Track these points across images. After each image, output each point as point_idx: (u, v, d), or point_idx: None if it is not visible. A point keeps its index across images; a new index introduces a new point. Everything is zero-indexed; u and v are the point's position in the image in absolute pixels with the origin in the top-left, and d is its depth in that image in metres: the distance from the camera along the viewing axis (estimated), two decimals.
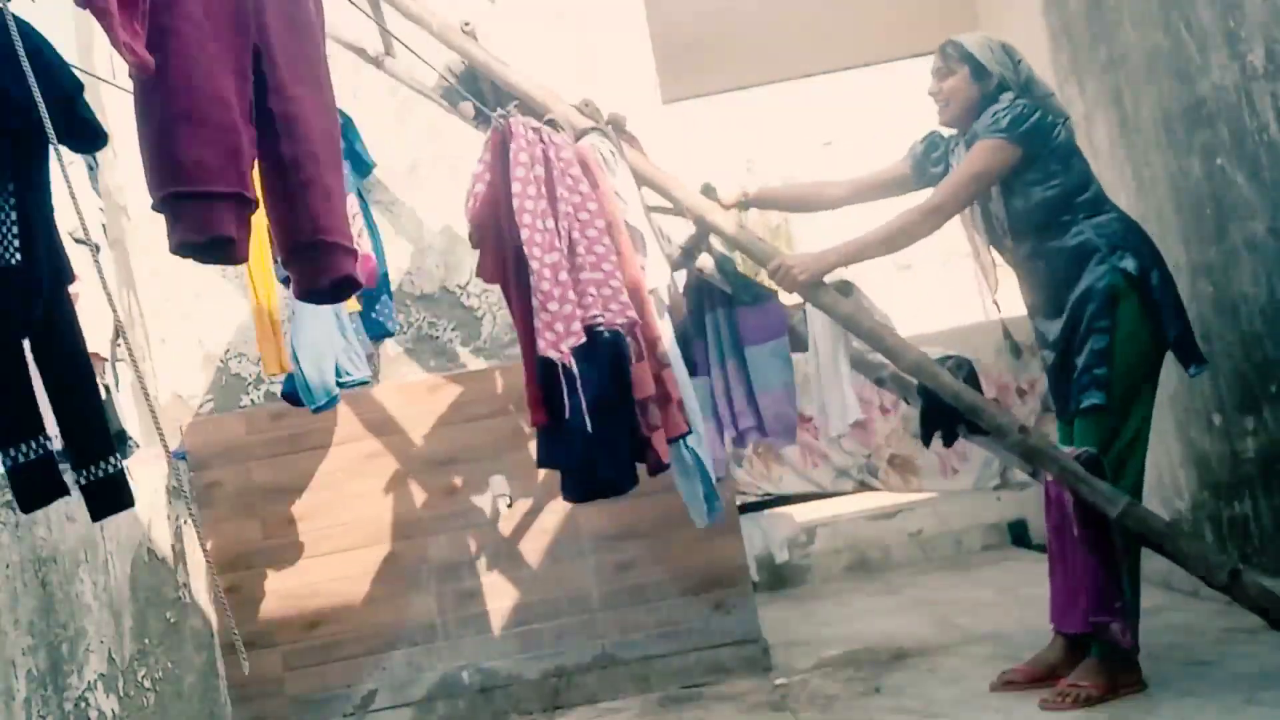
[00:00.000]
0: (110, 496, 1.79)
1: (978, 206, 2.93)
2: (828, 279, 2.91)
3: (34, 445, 1.66)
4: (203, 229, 1.62)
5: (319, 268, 1.84)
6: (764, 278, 3.03)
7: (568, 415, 2.43)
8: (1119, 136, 3.70)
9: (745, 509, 5.00)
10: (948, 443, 2.94)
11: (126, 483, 1.82)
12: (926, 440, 2.93)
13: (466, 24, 2.96)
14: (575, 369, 2.43)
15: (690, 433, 2.77)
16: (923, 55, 6.16)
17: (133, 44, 1.49)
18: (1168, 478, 3.79)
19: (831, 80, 6.21)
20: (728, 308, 3.05)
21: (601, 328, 2.50)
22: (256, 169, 1.78)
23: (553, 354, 2.41)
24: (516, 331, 2.63)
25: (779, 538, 5.35)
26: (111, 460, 1.78)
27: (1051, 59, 4.14)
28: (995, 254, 3.02)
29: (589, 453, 2.52)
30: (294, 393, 3.14)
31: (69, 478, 1.76)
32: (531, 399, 2.56)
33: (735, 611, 3.58)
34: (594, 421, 2.47)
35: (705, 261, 3.02)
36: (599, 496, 2.67)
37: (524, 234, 2.46)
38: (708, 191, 3.05)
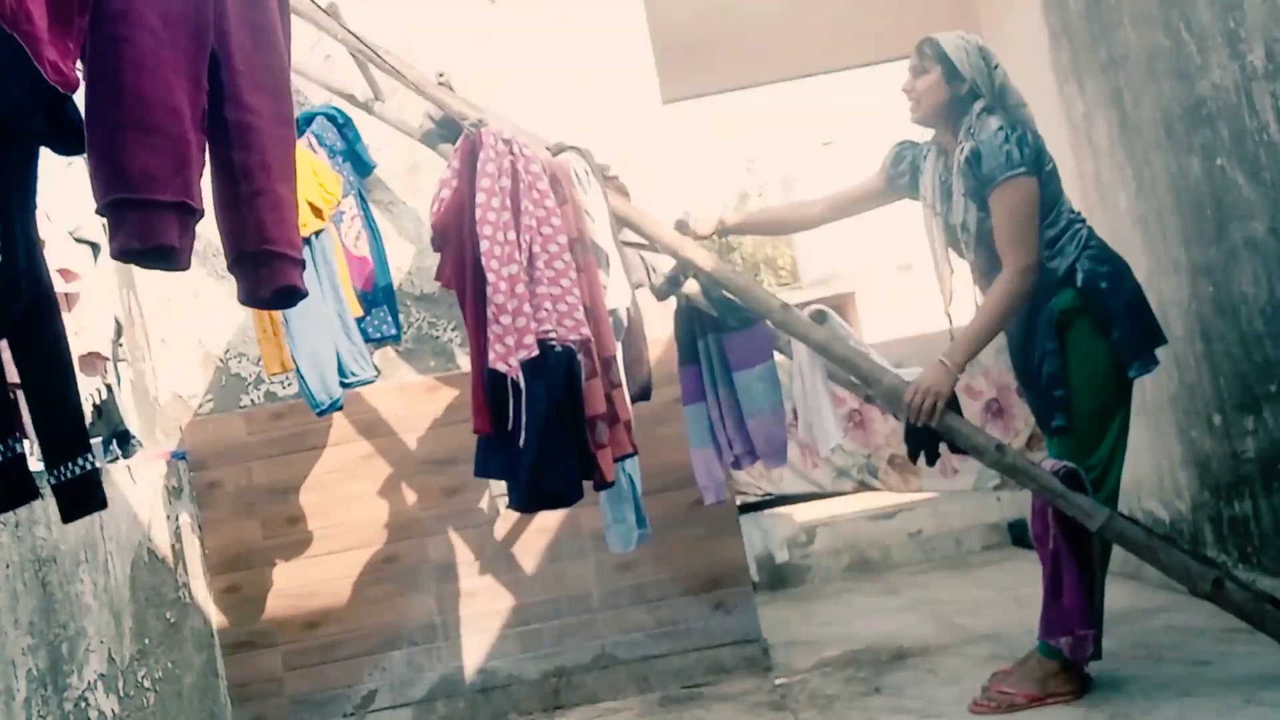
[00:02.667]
0: (82, 496, 1.78)
1: (939, 219, 2.90)
2: (806, 311, 2.95)
3: (3, 449, 1.65)
4: (144, 237, 1.62)
5: (261, 276, 1.84)
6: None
7: (510, 427, 2.45)
8: (1119, 136, 3.70)
9: (745, 509, 5.00)
10: (930, 461, 2.93)
11: (100, 483, 1.81)
12: (913, 457, 2.92)
13: (441, 75, 3.03)
14: (523, 384, 2.45)
15: (634, 454, 2.80)
16: None
17: (59, 63, 1.48)
18: (1168, 478, 3.79)
19: (831, 80, 6.22)
20: (716, 333, 3.08)
21: (554, 342, 2.53)
22: (207, 175, 1.78)
23: (501, 366, 2.44)
24: (468, 337, 2.65)
25: (779, 538, 5.35)
26: (83, 460, 1.77)
27: (1051, 59, 4.14)
28: (953, 264, 2.99)
29: (537, 465, 2.53)
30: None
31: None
32: (476, 406, 2.58)
33: (735, 611, 3.58)
34: (541, 435, 2.50)
35: (692, 287, 3.05)
36: (544, 508, 2.69)
37: (484, 245, 2.49)
38: (681, 227, 3.08)
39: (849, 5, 5.13)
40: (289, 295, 1.91)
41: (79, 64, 1.57)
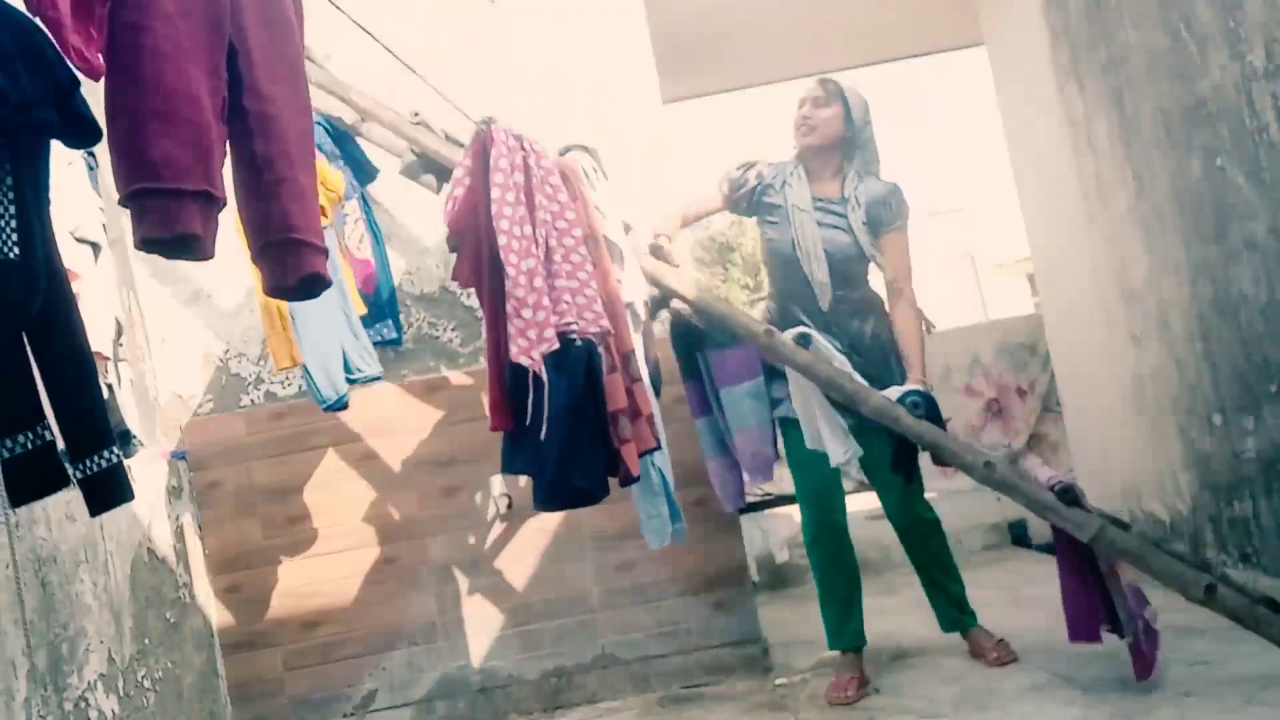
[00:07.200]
0: (108, 490, 1.78)
1: (820, 228, 3.17)
2: (789, 334, 3.02)
3: (31, 436, 1.65)
4: (168, 225, 1.62)
5: (287, 265, 1.84)
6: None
7: (528, 422, 2.45)
8: (1119, 136, 3.70)
9: (745, 509, 4.99)
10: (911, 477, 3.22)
11: (125, 475, 1.81)
12: (906, 473, 3.17)
13: (416, 114, 3.05)
14: (545, 376, 2.45)
15: (659, 449, 2.79)
16: (923, 55, 6.19)
17: (83, 49, 1.49)
18: (1168, 478, 3.79)
19: None
20: (706, 349, 3.12)
21: (574, 335, 2.52)
22: (229, 166, 1.78)
23: (524, 360, 2.43)
24: (485, 334, 2.65)
25: (779, 538, 5.35)
26: (108, 453, 1.77)
27: (1051, 59, 4.14)
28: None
29: (561, 462, 2.53)
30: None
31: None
32: (494, 403, 2.58)
33: (735, 611, 3.58)
34: (565, 430, 2.49)
35: (680, 303, 3.07)
36: (572, 506, 2.69)
37: (501, 240, 2.48)
38: (656, 251, 3.13)
39: (849, 5, 5.13)
40: (314, 283, 1.92)
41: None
